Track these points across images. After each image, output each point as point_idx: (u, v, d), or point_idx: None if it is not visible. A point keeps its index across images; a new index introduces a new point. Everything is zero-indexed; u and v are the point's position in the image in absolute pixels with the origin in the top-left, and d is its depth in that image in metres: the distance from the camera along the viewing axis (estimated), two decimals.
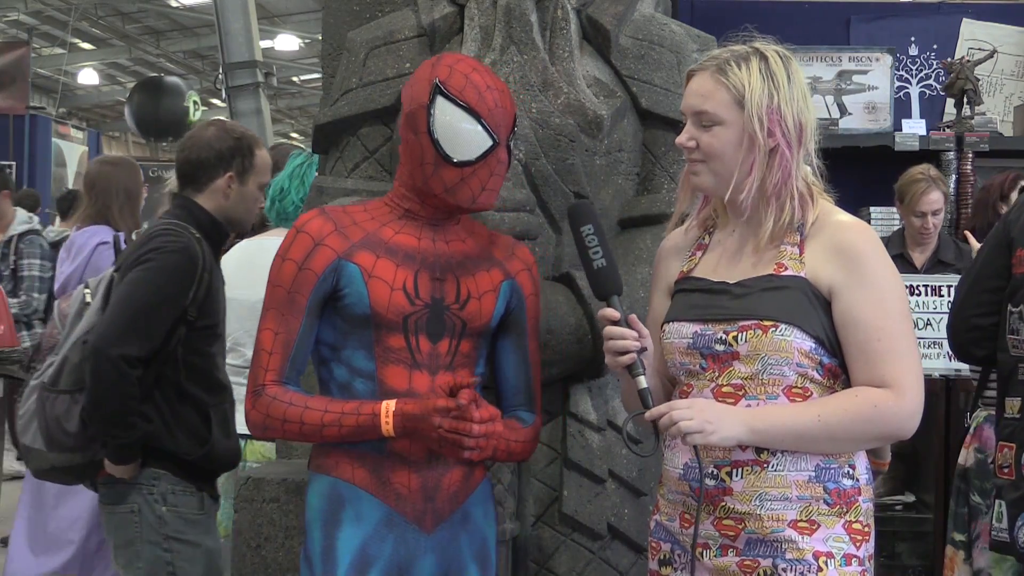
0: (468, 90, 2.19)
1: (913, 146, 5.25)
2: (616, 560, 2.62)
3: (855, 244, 2.04)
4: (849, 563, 2.00)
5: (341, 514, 2.20)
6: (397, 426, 2.13)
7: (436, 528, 2.22)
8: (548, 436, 2.61)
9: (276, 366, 2.18)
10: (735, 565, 2.02)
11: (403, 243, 2.23)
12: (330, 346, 2.23)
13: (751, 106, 2.02)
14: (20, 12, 16.94)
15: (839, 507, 2.01)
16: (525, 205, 2.55)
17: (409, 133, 2.22)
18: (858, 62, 5.51)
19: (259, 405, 2.18)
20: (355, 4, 2.93)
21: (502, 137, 2.21)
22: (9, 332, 4.94)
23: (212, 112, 22.87)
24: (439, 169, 2.18)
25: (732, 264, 2.10)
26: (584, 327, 2.54)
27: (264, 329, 2.20)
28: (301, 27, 18.11)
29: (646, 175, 2.77)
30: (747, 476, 2.01)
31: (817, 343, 2.01)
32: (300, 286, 2.18)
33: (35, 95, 16.83)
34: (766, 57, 2.05)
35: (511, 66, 2.65)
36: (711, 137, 2.05)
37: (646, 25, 2.79)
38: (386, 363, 2.19)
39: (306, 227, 2.21)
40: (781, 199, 2.04)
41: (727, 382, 2.03)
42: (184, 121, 14.44)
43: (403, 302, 2.19)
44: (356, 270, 2.18)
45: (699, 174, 2.09)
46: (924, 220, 4.54)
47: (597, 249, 2.08)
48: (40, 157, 11.73)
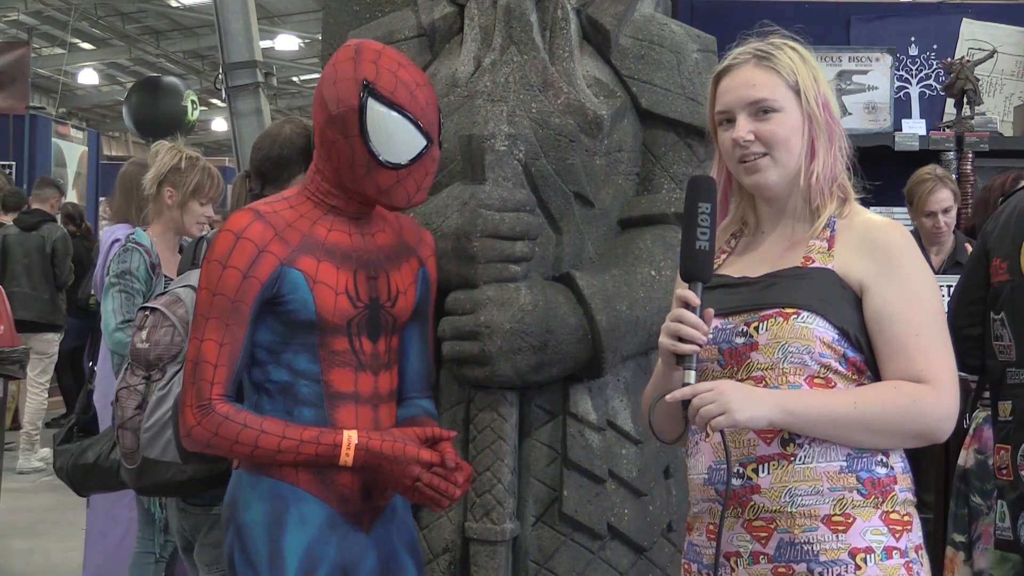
0: (400, 90, 2.13)
1: (913, 146, 5.25)
2: (616, 560, 2.61)
3: (888, 240, 1.98)
4: (891, 556, 1.90)
5: (285, 517, 2.15)
6: (358, 459, 2.10)
7: (372, 527, 2.22)
8: (548, 436, 2.61)
9: (223, 379, 2.09)
10: (770, 573, 1.92)
11: (338, 242, 2.18)
12: (267, 349, 2.16)
13: (805, 88, 1.98)
14: (20, 12, 16.93)
15: (874, 497, 1.91)
16: (525, 205, 2.55)
17: (336, 135, 2.14)
18: (858, 62, 5.51)
19: (207, 423, 2.08)
20: (355, 4, 2.93)
21: (435, 135, 2.18)
22: (9, 332, 4.94)
23: (211, 112, 22.90)
24: (372, 172, 2.13)
25: (757, 262, 2.05)
26: (584, 327, 2.54)
27: (207, 339, 2.10)
28: (301, 27, 18.11)
29: (646, 175, 2.77)
30: (774, 471, 1.92)
31: (841, 334, 1.93)
32: (244, 295, 2.09)
33: (35, 95, 16.83)
34: (794, 47, 2.03)
35: (511, 66, 2.65)
36: (773, 125, 1.98)
37: (646, 25, 2.79)
38: (332, 366, 2.16)
39: (247, 232, 2.11)
40: (840, 182, 2.01)
41: (746, 375, 1.95)
42: (182, 121, 14.42)
43: (347, 305, 2.16)
44: (300, 276, 2.12)
45: (762, 170, 1.99)
46: (935, 220, 4.53)
47: (706, 230, 1.94)
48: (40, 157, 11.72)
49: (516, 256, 2.52)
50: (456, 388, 2.62)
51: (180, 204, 3.95)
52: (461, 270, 2.53)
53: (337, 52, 2.21)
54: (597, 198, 2.68)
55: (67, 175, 12.64)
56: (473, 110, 2.63)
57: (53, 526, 6.33)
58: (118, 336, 3.77)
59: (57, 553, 5.81)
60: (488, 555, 2.54)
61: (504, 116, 2.60)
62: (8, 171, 10.42)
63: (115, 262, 3.90)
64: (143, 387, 2.81)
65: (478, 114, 2.61)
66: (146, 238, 3.94)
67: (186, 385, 2.12)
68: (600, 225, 2.71)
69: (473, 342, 2.49)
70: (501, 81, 2.64)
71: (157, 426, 2.74)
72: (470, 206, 2.51)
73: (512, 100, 2.62)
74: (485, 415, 2.56)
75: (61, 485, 3.96)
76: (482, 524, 2.54)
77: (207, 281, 2.12)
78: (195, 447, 2.14)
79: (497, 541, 2.53)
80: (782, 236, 2.05)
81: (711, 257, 1.96)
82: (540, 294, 2.54)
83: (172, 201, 3.95)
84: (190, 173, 3.93)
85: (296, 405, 2.16)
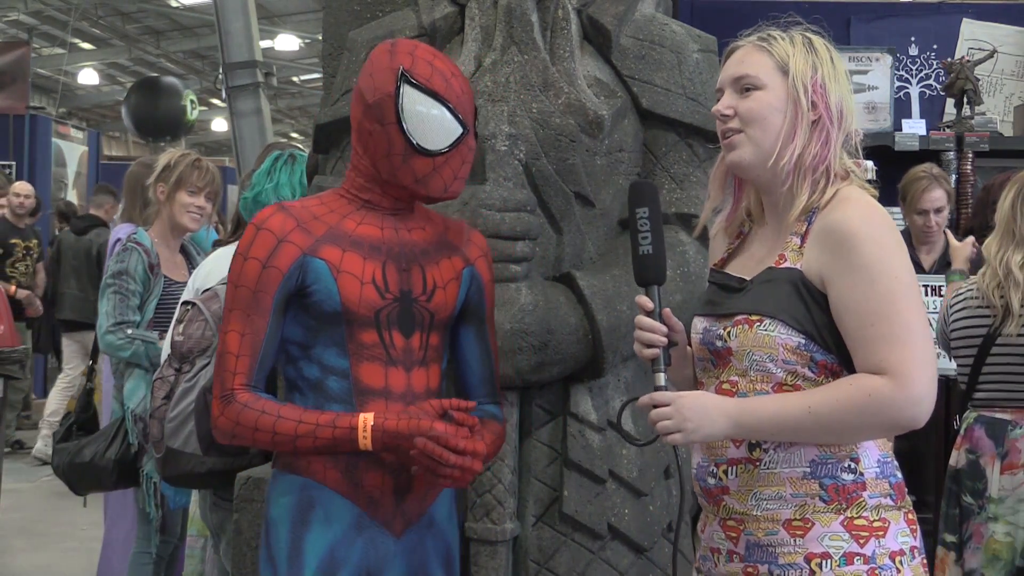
0: (435, 78, 2.14)
1: (913, 146, 5.25)
2: (616, 560, 2.61)
3: (843, 225, 1.91)
4: (851, 562, 1.89)
5: (310, 515, 2.14)
6: (376, 440, 2.06)
7: (404, 532, 2.18)
8: (548, 436, 2.61)
9: (244, 369, 2.10)
10: (741, 572, 1.97)
11: (367, 234, 2.17)
12: (299, 344, 2.16)
13: (795, 72, 1.97)
14: (20, 12, 16.93)
15: (837, 503, 1.91)
16: (525, 205, 2.55)
17: (374, 124, 2.15)
18: (858, 62, 5.51)
19: (228, 412, 2.09)
20: (355, 4, 2.93)
21: (471, 124, 2.18)
22: (9, 332, 4.94)
23: (211, 112, 22.90)
24: (409, 159, 2.13)
25: (755, 259, 2.06)
26: (584, 327, 2.54)
27: (229, 331, 2.11)
28: (301, 27, 18.11)
29: (647, 175, 2.77)
30: (741, 474, 1.96)
31: (807, 338, 1.91)
32: (265, 285, 2.10)
33: (35, 95, 16.83)
34: (810, 38, 2.02)
35: (512, 66, 2.65)
36: (751, 101, 1.98)
37: (647, 25, 2.79)
38: (360, 360, 2.14)
39: (267, 224, 2.12)
40: (817, 174, 1.97)
41: (727, 379, 1.99)
42: (182, 121, 14.42)
43: (374, 296, 2.13)
44: (323, 265, 2.11)
45: (737, 146, 1.99)
46: (926, 218, 4.53)
47: (647, 235, 1.99)
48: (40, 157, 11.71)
49: (516, 256, 2.52)
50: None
51: (168, 198, 3.99)
52: None
53: (373, 50, 2.23)
54: (598, 198, 2.68)
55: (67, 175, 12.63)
56: None
57: (53, 526, 6.33)
58: (108, 338, 3.78)
59: (57, 553, 5.81)
60: (488, 555, 2.54)
61: (505, 116, 2.60)
62: (8, 171, 10.42)
63: (113, 262, 3.91)
64: (173, 378, 2.84)
65: (478, 114, 2.61)
66: (147, 238, 3.94)
67: (214, 377, 2.14)
68: (600, 225, 2.71)
69: None
70: (502, 81, 2.64)
71: (180, 417, 2.76)
72: (470, 206, 2.51)
73: (513, 100, 2.62)
74: None
75: (61, 484, 3.97)
76: (482, 524, 2.54)
77: (232, 274, 2.15)
78: (223, 438, 2.14)
79: (497, 541, 2.53)
80: (776, 229, 2.05)
81: (658, 260, 2.00)
82: (540, 294, 2.54)
83: (163, 197, 4.00)
84: (177, 167, 4.00)
85: (326, 401, 2.14)
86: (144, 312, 3.86)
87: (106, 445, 3.73)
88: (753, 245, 2.10)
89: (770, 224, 2.08)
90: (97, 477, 3.75)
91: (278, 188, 3.32)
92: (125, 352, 3.75)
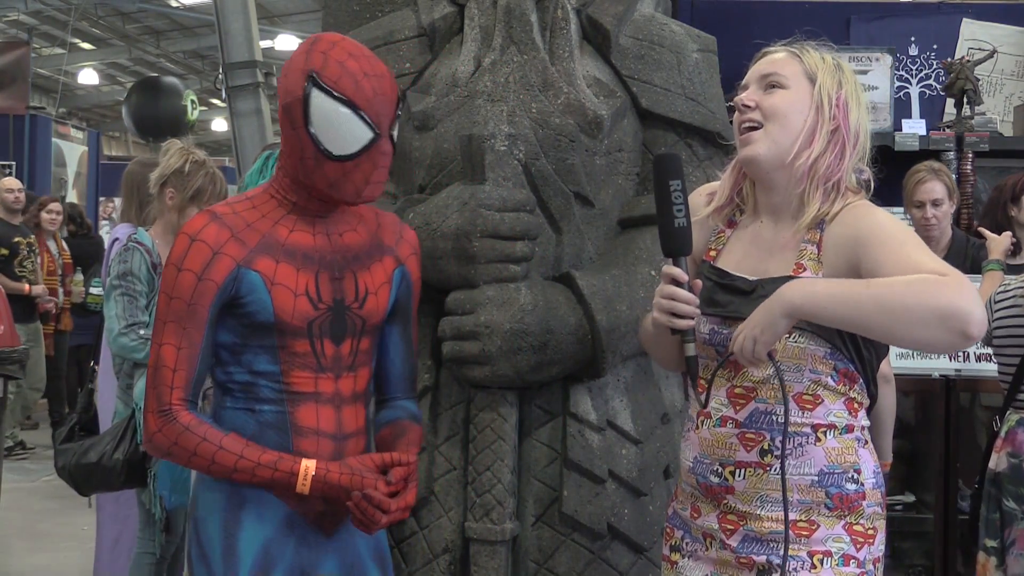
0: (344, 80, 2.07)
1: (913, 146, 5.25)
2: (616, 560, 2.61)
3: (862, 221, 2.00)
4: (847, 564, 1.99)
5: (241, 513, 2.13)
6: (314, 489, 2.08)
7: (335, 531, 2.18)
8: (548, 436, 2.61)
9: (182, 383, 2.07)
10: (733, 560, 2.04)
11: (300, 243, 2.14)
12: (229, 349, 2.14)
13: (822, 81, 2.02)
14: (20, 12, 16.92)
15: (840, 511, 2.01)
16: (525, 205, 2.55)
17: (287, 127, 2.12)
18: (858, 62, 5.51)
19: (167, 431, 2.07)
20: (355, 4, 2.92)
21: (384, 127, 2.11)
22: (9, 332, 4.94)
23: (211, 112, 22.90)
24: (320, 164, 2.09)
25: (757, 258, 2.07)
26: (584, 327, 2.54)
27: (165, 344, 2.08)
28: (301, 27, 18.10)
29: (646, 175, 2.77)
30: (749, 477, 2.01)
31: (833, 348, 1.98)
32: (200, 297, 2.07)
33: (35, 95, 16.82)
34: (839, 61, 2.08)
35: (511, 66, 2.65)
36: (775, 98, 2.03)
37: (646, 25, 2.79)
38: (292, 367, 2.13)
39: (201, 235, 2.09)
40: (828, 184, 2.01)
41: (740, 383, 2.02)
42: (182, 121, 14.41)
43: (307, 307, 2.12)
44: (257, 278, 2.09)
45: (755, 141, 2.03)
46: (924, 210, 4.49)
47: (681, 207, 2.00)
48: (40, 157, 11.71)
49: (516, 256, 2.52)
50: (456, 388, 2.62)
51: (179, 207, 3.93)
52: (461, 270, 2.53)
53: (299, 45, 2.19)
54: (597, 198, 2.68)
55: (67, 175, 12.63)
56: (473, 110, 2.63)
57: (53, 526, 6.33)
58: (122, 341, 3.76)
59: (57, 553, 5.80)
60: (488, 555, 2.54)
61: (504, 116, 2.60)
62: (8, 171, 10.42)
63: (116, 263, 3.88)
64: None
65: (478, 114, 2.61)
66: (147, 237, 3.92)
67: (147, 390, 2.10)
68: (600, 225, 2.71)
69: (473, 342, 2.49)
70: (501, 81, 2.64)
71: None
72: (470, 206, 2.51)
73: (512, 100, 2.62)
74: (485, 415, 2.56)
75: (61, 485, 3.97)
76: (482, 524, 2.54)
77: (164, 285, 2.11)
78: (156, 453, 2.13)
79: (497, 541, 2.53)
80: (777, 230, 2.07)
81: (690, 232, 2.01)
82: (540, 294, 2.54)
83: (172, 203, 3.94)
84: (193, 177, 3.91)
85: (257, 403, 2.14)
86: (152, 313, 3.84)
87: (114, 445, 3.72)
88: (747, 241, 2.11)
89: (767, 223, 2.09)
90: (105, 478, 3.74)
91: None
92: (139, 354, 3.73)
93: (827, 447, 2.00)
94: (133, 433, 3.72)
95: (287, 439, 2.13)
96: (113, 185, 8.56)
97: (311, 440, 2.14)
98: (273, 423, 2.14)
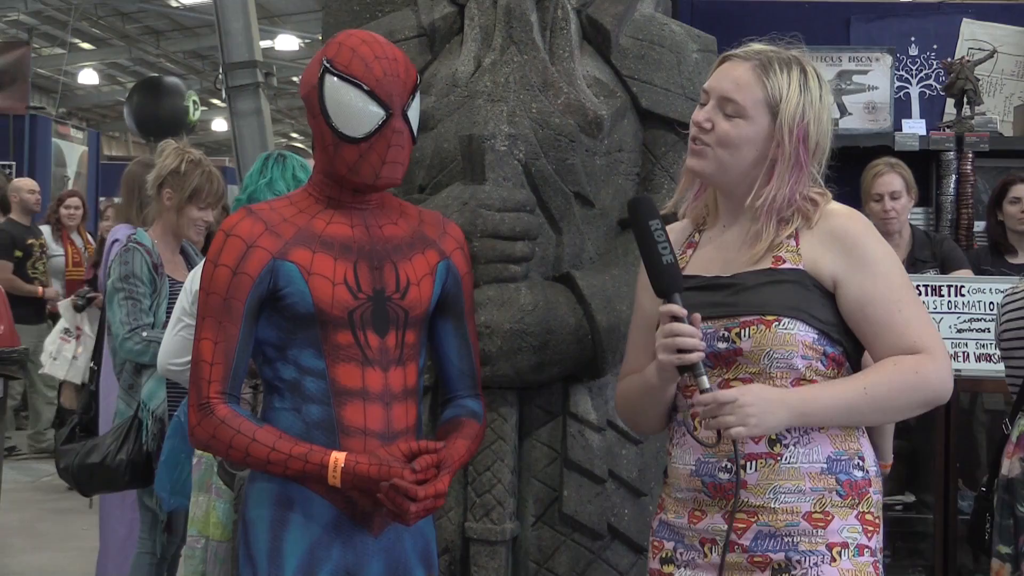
0: (354, 63, 2.11)
1: (913, 146, 5.25)
2: (616, 560, 2.61)
3: (849, 229, 2.05)
4: (862, 554, 2.02)
5: (289, 515, 2.14)
6: (345, 481, 2.08)
7: (382, 531, 2.18)
8: (548, 436, 2.61)
9: (219, 377, 2.10)
10: (746, 561, 2.01)
11: (337, 234, 2.16)
12: (274, 346, 2.15)
13: (784, 115, 2.03)
14: (20, 12, 16.93)
15: (851, 498, 2.02)
16: (525, 205, 2.55)
17: (310, 118, 2.16)
18: (858, 62, 5.51)
19: (205, 424, 2.09)
20: (355, 4, 2.93)
21: (396, 107, 2.12)
22: (9, 332, 4.94)
23: (211, 112, 22.91)
24: (339, 148, 2.12)
25: (727, 259, 2.10)
26: (584, 327, 2.54)
27: (202, 339, 2.11)
28: (301, 27, 18.11)
29: (646, 175, 2.77)
30: (761, 469, 2.01)
31: (820, 334, 2.02)
32: (236, 292, 2.09)
33: (35, 95, 16.81)
34: (806, 71, 2.07)
35: (511, 66, 2.65)
36: (731, 126, 2.04)
37: (646, 25, 2.79)
38: (336, 360, 2.13)
39: (235, 230, 2.12)
40: (784, 215, 2.06)
41: (734, 377, 2.03)
42: (184, 121, 14.42)
43: (347, 296, 2.13)
44: (294, 268, 2.11)
45: (703, 156, 2.07)
46: (882, 203, 4.46)
47: (666, 244, 2.02)
48: (40, 157, 11.72)
49: (516, 256, 2.52)
50: None
51: (177, 207, 3.91)
52: None
53: None
54: (597, 198, 2.68)
55: (67, 175, 12.64)
56: (473, 110, 2.63)
57: (53, 526, 6.33)
58: (127, 346, 3.75)
59: (57, 553, 5.81)
60: (488, 555, 2.54)
61: (504, 116, 2.60)
62: (8, 171, 10.43)
63: (116, 265, 3.86)
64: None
65: (478, 114, 2.61)
66: (147, 238, 3.91)
67: (190, 385, 2.14)
68: (600, 225, 2.71)
69: None
70: (501, 81, 2.64)
71: None
72: (470, 206, 2.51)
73: (512, 100, 2.62)
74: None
75: (61, 484, 3.97)
76: (482, 524, 2.54)
77: (203, 281, 2.13)
78: (197, 446, 2.15)
79: (497, 541, 2.53)
80: (742, 229, 2.11)
81: (678, 267, 2.04)
82: (540, 294, 2.54)
83: (170, 203, 3.92)
84: (189, 177, 3.90)
85: (304, 402, 2.14)
86: (156, 315, 3.83)
87: (117, 446, 3.72)
88: (714, 248, 2.14)
89: (730, 225, 2.13)
90: (109, 478, 3.74)
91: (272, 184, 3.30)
92: (145, 357, 3.72)
93: (831, 433, 2.03)
94: (136, 433, 3.72)
95: (334, 439, 2.12)
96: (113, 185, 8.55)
97: (358, 440, 2.13)
98: (320, 423, 2.13)
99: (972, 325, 4.08)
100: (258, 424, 2.11)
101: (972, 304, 4.12)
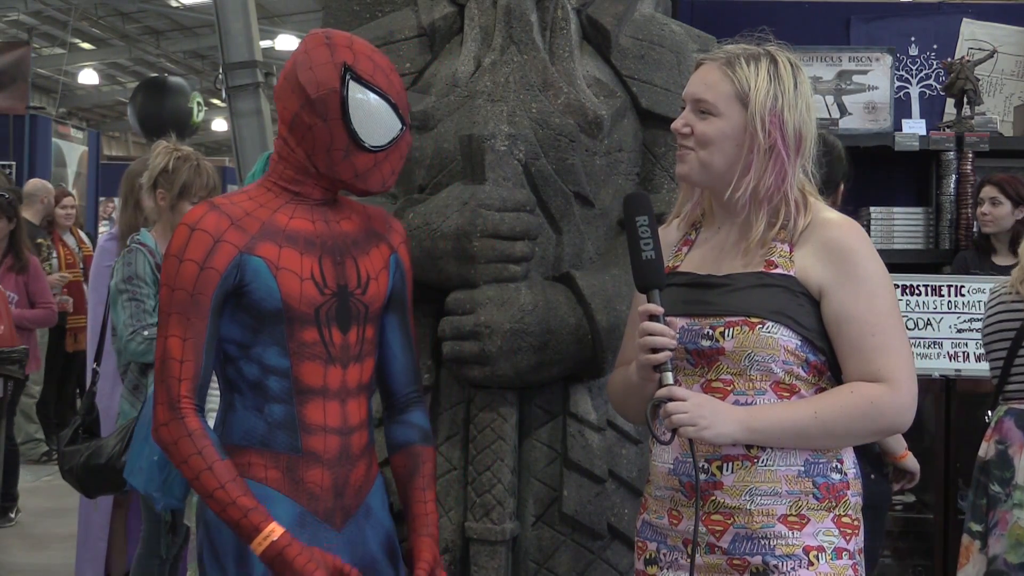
0: (378, 74, 2.14)
1: (913, 146, 5.25)
2: (616, 560, 2.61)
3: (843, 241, 2.05)
4: (840, 557, 2.02)
5: None
6: (266, 555, 2.03)
7: (344, 524, 2.19)
8: (548, 436, 2.61)
9: (190, 375, 2.06)
10: (725, 563, 2.03)
11: (300, 228, 2.15)
12: (237, 344, 2.13)
13: (754, 104, 2.03)
14: (20, 12, 16.92)
15: (828, 501, 2.03)
16: (525, 205, 2.55)
17: (315, 118, 2.12)
18: (858, 62, 5.51)
19: (174, 428, 2.05)
20: (355, 4, 2.93)
21: (407, 120, 2.19)
22: (9, 332, 4.94)
23: (212, 112, 22.89)
24: (351, 155, 2.12)
25: (720, 259, 2.11)
26: (584, 327, 2.54)
27: (170, 336, 2.07)
28: (301, 27, 18.09)
29: (646, 175, 2.77)
30: (737, 471, 2.02)
31: (803, 341, 2.02)
32: (203, 287, 2.06)
33: (35, 95, 16.81)
34: (776, 61, 2.07)
35: (511, 66, 2.65)
36: (707, 126, 2.06)
37: (646, 25, 2.79)
38: (301, 359, 2.12)
39: (200, 224, 2.08)
40: (774, 203, 2.06)
41: (715, 377, 2.04)
42: (188, 121, 14.41)
43: (314, 292, 2.12)
44: (261, 263, 2.09)
45: (687, 161, 2.09)
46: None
47: (649, 240, 2.04)
48: (40, 157, 11.70)
49: (516, 256, 2.52)
50: (456, 388, 2.62)
51: (171, 205, 3.94)
52: (461, 270, 2.53)
53: (305, 41, 2.20)
54: (597, 198, 2.68)
55: (67, 175, 12.63)
56: (473, 110, 2.63)
57: (53, 526, 6.33)
58: (131, 347, 3.75)
59: (57, 553, 5.81)
60: (488, 555, 2.54)
61: (504, 116, 2.60)
62: (8, 171, 10.41)
63: (120, 266, 3.86)
64: None
65: (478, 114, 2.61)
66: (150, 238, 3.92)
67: (156, 383, 2.10)
68: (600, 225, 2.71)
69: (473, 342, 2.49)
70: (501, 81, 2.64)
71: None
72: (470, 206, 2.51)
73: (512, 100, 2.62)
74: (485, 415, 2.57)
75: (61, 484, 3.96)
76: (482, 524, 2.54)
77: (166, 276, 2.10)
78: (157, 443, 2.10)
79: (497, 541, 2.53)
80: (734, 230, 2.12)
81: (660, 264, 2.05)
82: (540, 294, 2.54)
83: (164, 203, 3.95)
84: (178, 173, 3.92)
85: (266, 402, 2.13)
86: None
87: (121, 447, 3.71)
88: (709, 248, 2.15)
89: (724, 225, 2.14)
90: (114, 479, 3.73)
91: None
92: (149, 356, 3.72)
93: None
94: None
95: (296, 438, 2.13)
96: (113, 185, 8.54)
97: (319, 437, 2.14)
98: (282, 422, 2.13)
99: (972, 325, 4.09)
100: (220, 455, 2.06)
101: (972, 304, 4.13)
